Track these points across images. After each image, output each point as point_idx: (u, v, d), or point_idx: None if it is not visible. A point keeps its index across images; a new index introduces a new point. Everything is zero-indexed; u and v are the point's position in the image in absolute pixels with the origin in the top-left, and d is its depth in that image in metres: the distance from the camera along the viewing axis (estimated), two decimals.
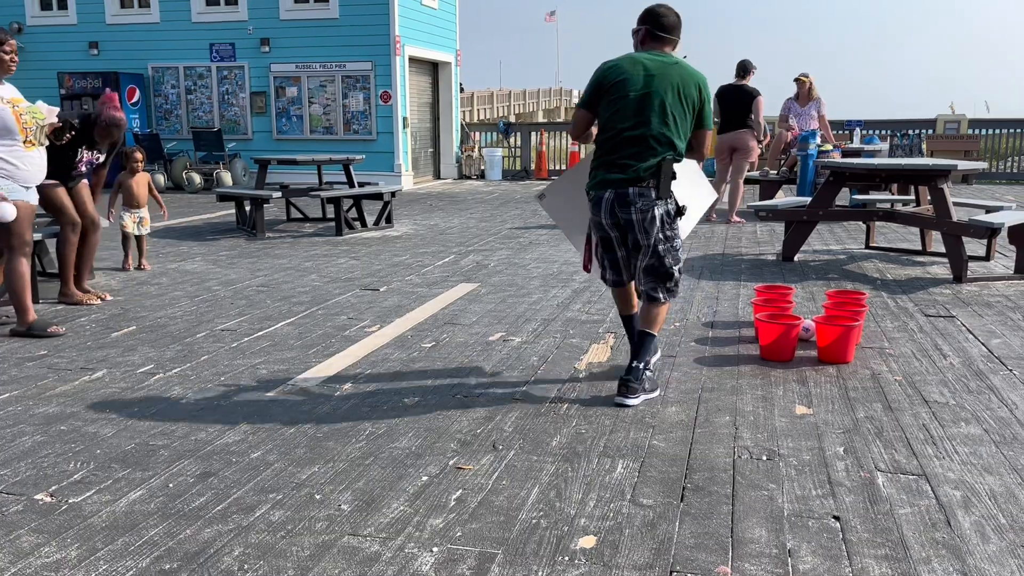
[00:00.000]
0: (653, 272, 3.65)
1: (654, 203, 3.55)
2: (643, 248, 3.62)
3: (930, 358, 4.32)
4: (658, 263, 3.62)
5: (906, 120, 16.21)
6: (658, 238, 3.58)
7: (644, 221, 3.56)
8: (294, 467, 3.00)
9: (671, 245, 3.63)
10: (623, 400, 3.59)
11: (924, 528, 2.53)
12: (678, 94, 3.55)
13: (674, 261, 3.65)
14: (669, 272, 3.65)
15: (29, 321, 4.83)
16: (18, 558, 2.38)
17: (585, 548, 2.42)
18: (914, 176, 7.06)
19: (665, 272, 3.64)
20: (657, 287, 3.67)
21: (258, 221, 8.90)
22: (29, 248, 4.86)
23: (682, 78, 3.57)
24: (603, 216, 3.64)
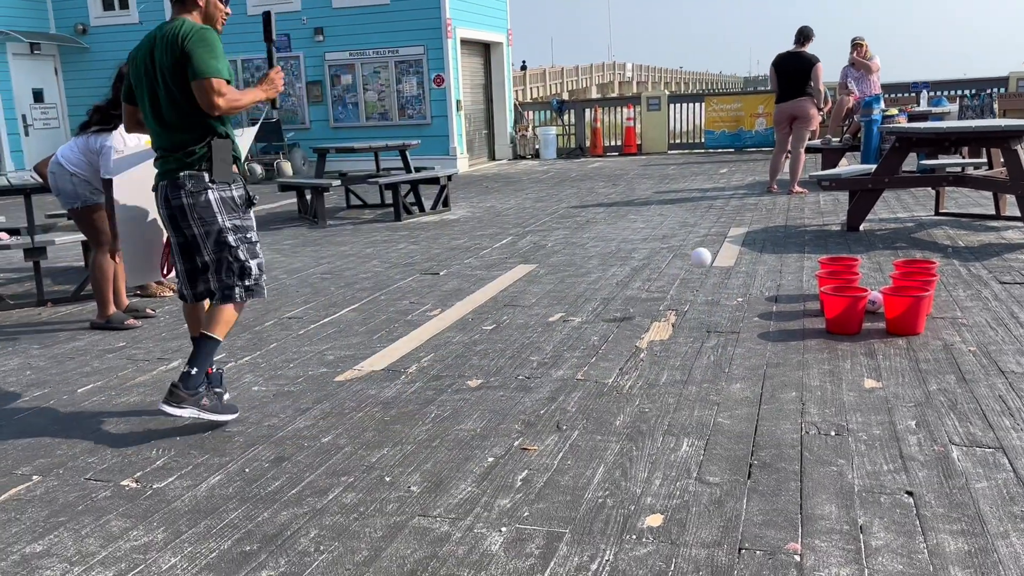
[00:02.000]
0: (228, 268, 3.29)
1: (204, 188, 3.22)
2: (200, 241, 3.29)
3: (1006, 327, 4.18)
4: (230, 256, 3.28)
5: (976, 79, 15.59)
6: (222, 227, 3.25)
7: (199, 206, 3.23)
8: (364, 450, 3.08)
9: (242, 236, 3.30)
10: (164, 407, 3.22)
11: (1002, 502, 2.48)
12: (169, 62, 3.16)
13: (248, 256, 3.30)
14: (245, 267, 3.30)
15: (108, 314, 5.04)
16: (108, 541, 2.50)
17: (652, 526, 2.43)
18: (986, 138, 6.80)
19: (241, 268, 3.29)
20: (235, 285, 3.29)
21: (319, 209, 9.06)
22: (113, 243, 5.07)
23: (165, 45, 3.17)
24: (160, 209, 3.36)
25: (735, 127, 16.24)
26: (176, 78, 3.16)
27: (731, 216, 8.20)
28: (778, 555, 2.26)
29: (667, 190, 10.62)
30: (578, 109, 17.65)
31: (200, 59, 3.10)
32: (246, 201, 3.35)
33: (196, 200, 3.24)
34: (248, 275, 3.32)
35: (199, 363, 3.29)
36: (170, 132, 3.26)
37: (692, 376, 3.70)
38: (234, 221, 3.29)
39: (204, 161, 3.24)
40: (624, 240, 7.16)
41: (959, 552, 2.23)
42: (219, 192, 3.25)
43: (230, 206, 3.28)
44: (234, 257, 3.29)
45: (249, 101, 3.28)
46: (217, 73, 3.10)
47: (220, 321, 3.31)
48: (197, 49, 3.10)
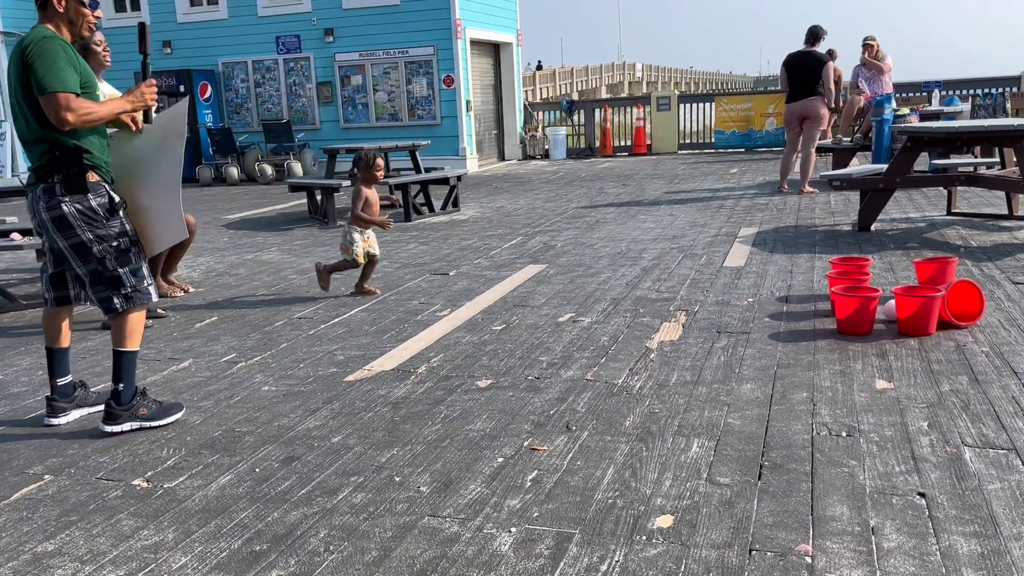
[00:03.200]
0: (100, 279, 3.23)
1: (57, 203, 3.13)
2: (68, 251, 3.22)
3: (1019, 327, 4.15)
4: (100, 267, 3.21)
5: (989, 78, 15.48)
6: (87, 238, 3.16)
7: (56, 219, 3.16)
8: (374, 450, 3.08)
9: (108, 246, 3.19)
10: (102, 427, 3.31)
11: (1015, 504, 2.46)
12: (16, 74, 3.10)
13: (118, 263, 3.21)
14: (115, 276, 3.22)
15: None
16: (120, 541, 2.51)
17: (662, 527, 2.43)
18: (998, 137, 6.75)
19: (112, 276, 3.22)
20: (112, 296, 3.24)
21: (329, 209, 9.08)
22: None
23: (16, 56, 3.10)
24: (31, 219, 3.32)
25: (745, 127, 16.19)
26: (24, 91, 3.09)
27: (741, 216, 8.18)
28: (789, 557, 2.24)
29: (677, 190, 10.60)
30: (588, 109, 17.63)
31: (43, 72, 2.99)
32: (108, 209, 3.20)
33: (52, 214, 3.16)
34: (121, 284, 3.24)
35: (124, 378, 3.32)
36: (26, 145, 3.19)
37: (702, 377, 3.68)
38: (96, 232, 3.17)
39: (55, 174, 3.13)
40: (634, 240, 7.15)
41: (972, 554, 2.22)
42: (74, 205, 3.14)
43: (88, 217, 3.15)
44: (103, 268, 3.22)
45: (106, 113, 3.17)
46: (62, 86, 3.00)
47: (122, 333, 3.30)
48: (39, 61, 3.00)
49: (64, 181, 3.13)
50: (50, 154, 3.14)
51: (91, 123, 3.11)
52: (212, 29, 15.77)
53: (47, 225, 3.20)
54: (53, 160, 3.13)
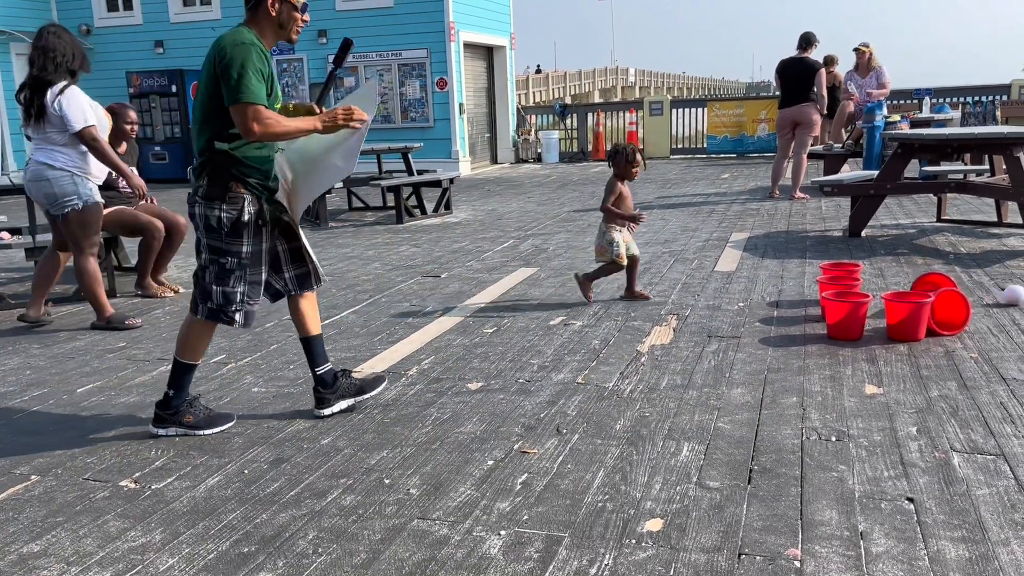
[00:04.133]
0: (198, 282, 3.23)
1: (195, 201, 3.16)
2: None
3: (1007, 333, 4.17)
4: (201, 273, 3.21)
5: (979, 86, 15.58)
6: (203, 242, 3.18)
7: (190, 216, 3.22)
8: (363, 452, 3.07)
9: (215, 259, 3.15)
10: (153, 429, 3.31)
11: (1003, 509, 2.47)
12: (204, 72, 3.10)
13: (214, 280, 3.17)
14: (208, 289, 3.18)
15: (107, 316, 5.03)
16: (106, 542, 2.49)
17: (652, 531, 2.43)
18: (988, 145, 6.79)
19: (205, 287, 3.19)
20: (199, 301, 3.23)
21: (321, 211, 9.06)
22: (96, 248, 5.05)
23: (210, 53, 3.07)
24: None
25: (737, 132, 16.24)
26: (208, 90, 3.07)
27: (733, 221, 8.20)
28: (778, 561, 2.25)
29: (669, 195, 10.62)
30: (580, 113, 17.66)
31: (235, 81, 2.96)
32: (234, 224, 3.12)
33: (191, 210, 3.20)
34: (208, 298, 3.20)
35: (179, 385, 3.30)
36: (194, 137, 3.21)
37: (693, 381, 3.69)
38: (212, 242, 3.16)
39: (203, 176, 3.13)
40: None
41: (960, 559, 2.23)
42: (205, 209, 3.13)
43: (211, 225, 3.13)
44: (203, 274, 3.21)
45: (293, 129, 3.09)
46: (253, 97, 2.97)
47: (179, 340, 3.30)
48: (232, 69, 2.97)
49: (208, 186, 3.12)
50: (203, 155, 3.13)
51: (276, 137, 3.08)
52: (205, 29, 15.71)
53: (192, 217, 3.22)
54: (204, 163, 3.13)
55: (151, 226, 5.80)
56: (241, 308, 3.23)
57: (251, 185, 3.15)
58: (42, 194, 4.81)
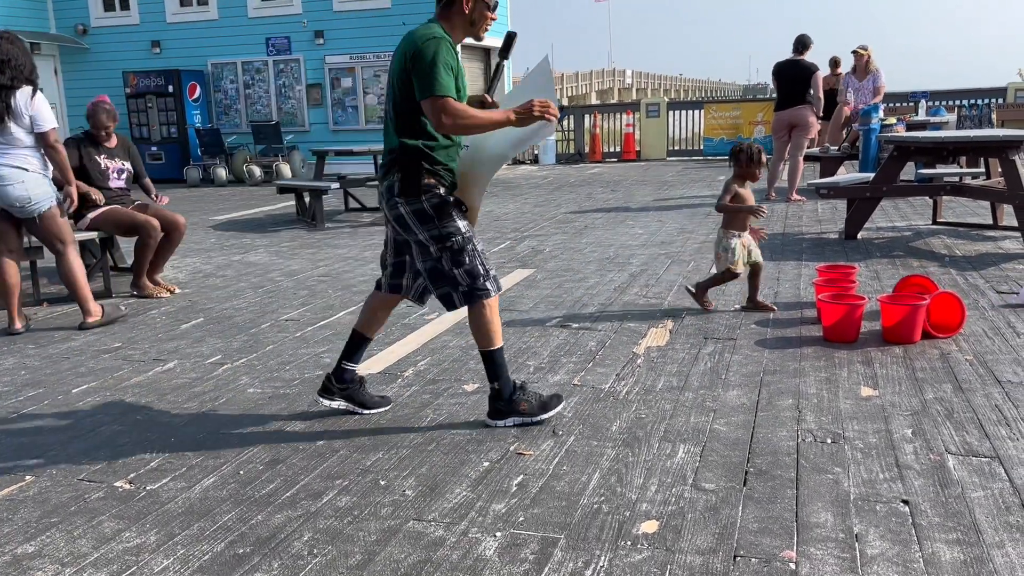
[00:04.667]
0: (440, 276, 3.20)
1: (395, 203, 3.13)
2: (410, 246, 3.25)
3: (1002, 336, 4.18)
4: (438, 265, 3.19)
5: (974, 89, 15.62)
6: (423, 238, 3.15)
7: (395, 218, 3.18)
8: (359, 454, 3.07)
9: (442, 246, 3.14)
10: (490, 422, 3.30)
11: (998, 512, 2.47)
12: (395, 69, 3.11)
13: (453, 264, 3.16)
14: (451, 276, 3.17)
15: (96, 313, 5.06)
16: (101, 543, 2.49)
17: (647, 533, 2.43)
18: (983, 148, 6.81)
19: (449, 276, 3.18)
20: (451, 293, 3.22)
21: (317, 212, 9.06)
22: (71, 244, 5.10)
23: (400, 49, 3.09)
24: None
25: (734, 134, 16.25)
26: (399, 87, 3.08)
27: None
28: (773, 563, 2.25)
29: (666, 196, 10.63)
30: (577, 115, 17.66)
31: (425, 74, 2.96)
32: (439, 210, 3.12)
33: (392, 213, 3.16)
34: (457, 283, 3.18)
35: (497, 376, 3.27)
36: (385, 136, 3.22)
37: (689, 383, 3.69)
38: (430, 232, 3.13)
39: (395, 173, 3.12)
40: (622, 246, 7.16)
41: (955, 562, 2.23)
42: (407, 207, 3.11)
43: (421, 218, 3.12)
44: (440, 266, 3.18)
45: (485, 120, 3.06)
46: (444, 90, 2.97)
47: (478, 334, 3.27)
48: (422, 63, 2.97)
49: (401, 182, 3.10)
50: (394, 153, 3.13)
51: (468, 129, 3.07)
52: (202, 30, 15.71)
53: (389, 220, 3.22)
54: (395, 160, 3.12)
55: (146, 224, 5.79)
56: (488, 276, 3.23)
57: (441, 176, 3.15)
58: (14, 197, 4.82)
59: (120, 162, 6.00)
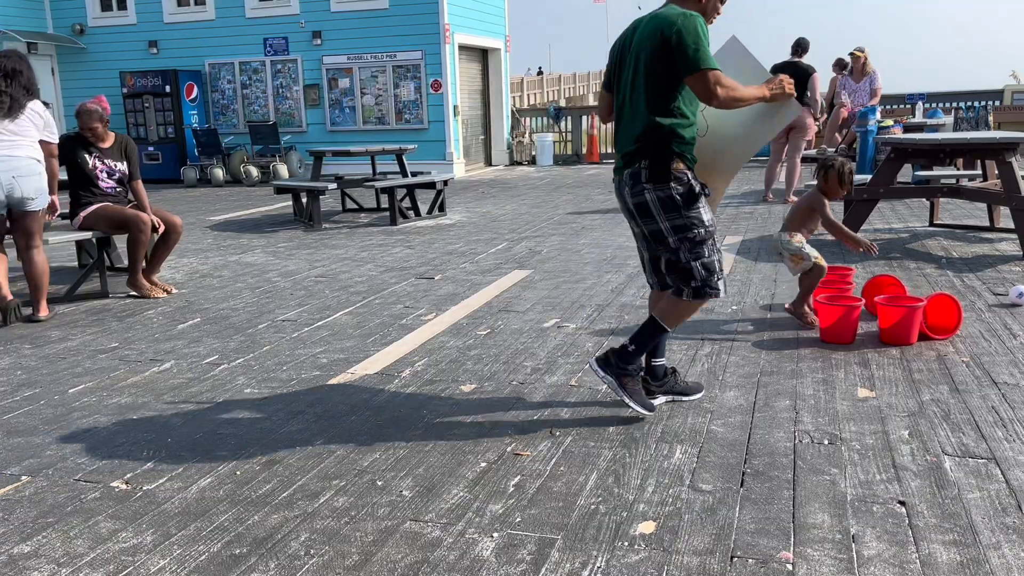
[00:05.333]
0: (673, 268, 3.18)
1: (644, 187, 3.09)
2: (647, 237, 3.22)
3: (999, 338, 4.19)
4: (674, 257, 3.15)
5: (971, 91, 15.65)
6: (664, 227, 3.11)
7: (637, 205, 3.14)
8: (356, 454, 3.06)
9: (684, 236, 3.11)
10: (592, 364, 3.27)
11: (994, 513, 2.47)
12: (646, 49, 3.04)
13: (692, 256, 3.12)
14: (687, 268, 3.13)
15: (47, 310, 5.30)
16: (97, 543, 2.48)
17: (644, 533, 2.43)
18: (980, 150, 6.82)
19: (683, 268, 3.14)
20: (681, 286, 3.17)
21: (315, 212, 9.05)
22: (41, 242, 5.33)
23: (652, 28, 3.03)
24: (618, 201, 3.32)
25: None
26: (652, 66, 3.02)
27: (726, 225, 8.21)
28: (770, 564, 2.25)
29: None
30: (575, 116, 17.67)
31: (693, 50, 2.93)
32: (687, 198, 3.07)
33: (635, 200, 3.13)
34: (692, 277, 3.12)
35: (641, 344, 3.23)
36: (627, 124, 3.16)
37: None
38: (673, 221, 3.08)
39: (643, 159, 3.08)
40: (619, 247, 7.16)
41: (951, 562, 2.23)
42: (656, 192, 3.07)
43: (667, 205, 3.07)
44: (676, 258, 3.14)
45: (748, 95, 3.04)
46: (711, 64, 2.95)
47: (669, 312, 3.21)
48: (688, 38, 2.93)
49: (650, 167, 3.06)
50: (643, 140, 3.08)
51: (735, 103, 3.02)
52: (199, 30, 15.69)
53: (632, 210, 3.18)
54: (643, 147, 3.08)
55: (136, 220, 5.77)
56: (721, 276, 3.18)
57: (688, 160, 3.11)
58: (33, 188, 5.08)
59: (112, 163, 5.97)
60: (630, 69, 3.12)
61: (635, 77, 3.09)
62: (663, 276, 3.27)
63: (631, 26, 3.19)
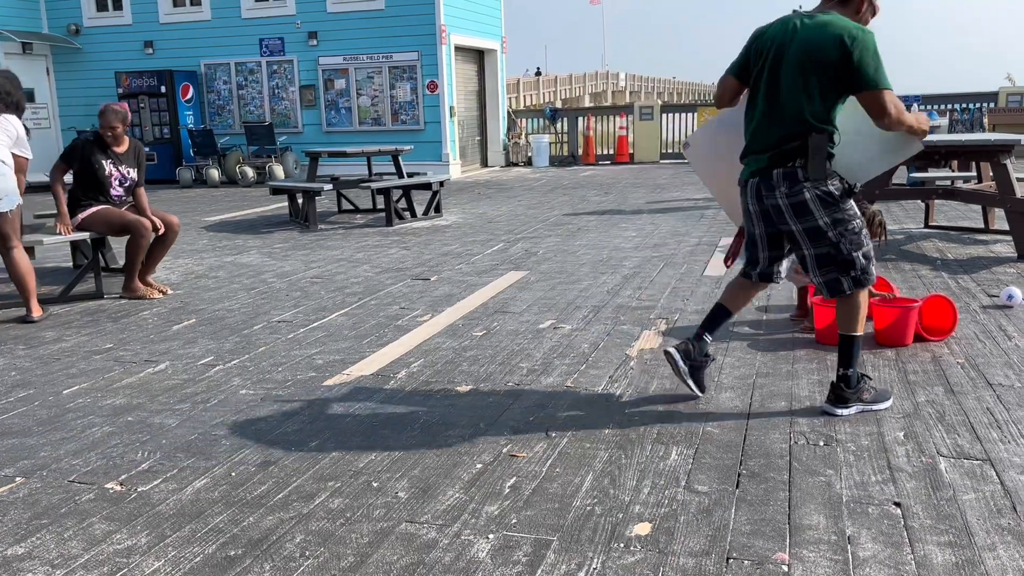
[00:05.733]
0: (831, 261, 3.22)
1: (804, 186, 3.14)
2: (799, 235, 3.23)
3: (994, 339, 4.20)
4: (833, 250, 3.20)
5: (966, 93, 15.69)
6: (823, 223, 3.16)
7: (796, 204, 3.17)
8: (351, 455, 3.06)
9: (844, 228, 3.18)
10: (828, 408, 3.31)
11: (989, 514, 2.48)
12: (816, 57, 3.08)
13: (853, 247, 3.19)
14: (848, 259, 3.19)
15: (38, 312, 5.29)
16: (91, 545, 2.47)
17: (640, 535, 2.43)
18: (975, 152, 6.84)
19: (845, 260, 3.20)
20: (840, 277, 3.22)
21: (310, 213, 9.04)
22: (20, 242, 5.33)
23: (825, 37, 3.07)
24: (749, 202, 3.35)
25: None
26: (822, 75, 3.07)
27: (722, 226, 8.22)
28: (766, 565, 2.25)
29: (659, 199, 10.65)
30: (571, 117, 17.69)
31: (874, 67, 3.03)
32: (844, 192, 3.18)
33: (793, 200, 3.16)
34: (852, 267, 3.20)
35: (850, 363, 3.28)
36: (775, 124, 3.18)
37: (682, 385, 3.69)
38: (833, 215, 3.16)
39: (796, 159, 3.14)
40: (615, 248, 7.16)
41: (946, 564, 2.23)
42: (816, 190, 3.13)
43: (827, 201, 3.15)
44: (836, 251, 3.19)
45: (909, 122, 3.15)
46: (889, 83, 3.07)
47: (851, 317, 3.27)
48: (868, 55, 3.02)
49: (807, 166, 3.13)
50: (797, 140, 3.13)
51: (900, 125, 3.12)
52: (195, 30, 15.67)
53: (784, 210, 3.19)
54: (798, 147, 3.13)
55: (138, 224, 5.76)
56: (874, 263, 3.29)
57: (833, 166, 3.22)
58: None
59: (126, 170, 5.94)
60: (789, 70, 3.14)
61: (794, 80, 3.12)
62: (814, 274, 3.30)
63: (786, 25, 3.18)
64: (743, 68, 3.34)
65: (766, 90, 3.21)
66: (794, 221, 3.20)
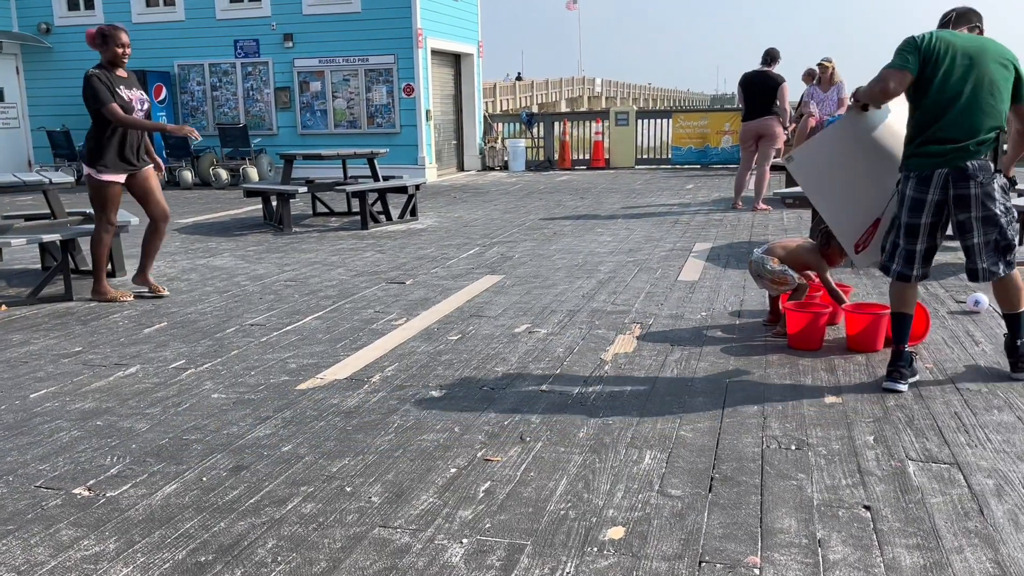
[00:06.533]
0: (995, 247, 3.58)
1: (995, 176, 3.54)
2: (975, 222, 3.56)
3: (961, 345, 4.26)
4: (999, 236, 3.56)
5: None
6: (1000, 210, 3.53)
7: (986, 194, 3.52)
8: (324, 460, 3.04)
9: (1011, 217, 3.59)
10: (1017, 374, 3.69)
11: (956, 517, 2.51)
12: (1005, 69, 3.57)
13: (1014, 232, 3.63)
14: (1009, 244, 3.59)
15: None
16: (58, 551, 2.43)
17: (614, 539, 2.43)
18: None
19: (1007, 245, 3.58)
20: (998, 262, 3.58)
21: (285, 216, 8.98)
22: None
23: (1005, 54, 3.61)
24: (930, 192, 3.58)
25: (701, 144, 16.43)
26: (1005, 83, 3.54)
27: (696, 231, 8.28)
28: (738, 568, 2.27)
29: (634, 204, 10.70)
30: (547, 122, 17.73)
31: None
32: (1011, 184, 3.69)
33: (983, 189, 3.50)
34: (1010, 250, 3.57)
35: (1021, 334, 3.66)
36: (977, 116, 3.50)
37: (656, 389, 3.71)
38: (1006, 203, 3.56)
39: (991, 151, 3.52)
40: (591, 253, 7.19)
41: (915, 566, 2.26)
42: (998, 181, 3.53)
43: (1005, 191, 3.58)
44: (1000, 237, 3.56)
45: None
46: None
47: (1017, 297, 3.64)
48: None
49: (996, 159, 3.57)
50: (993, 132, 3.53)
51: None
52: (168, 30, 15.52)
53: (973, 199, 3.52)
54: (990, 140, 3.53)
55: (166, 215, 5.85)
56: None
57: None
58: None
59: (139, 91, 5.87)
60: (986, 71, 3.52)
61: (992, 82, 3.53)
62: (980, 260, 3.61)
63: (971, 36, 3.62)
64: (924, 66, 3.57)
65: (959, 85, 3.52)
66: (978, 208, 3.54)
